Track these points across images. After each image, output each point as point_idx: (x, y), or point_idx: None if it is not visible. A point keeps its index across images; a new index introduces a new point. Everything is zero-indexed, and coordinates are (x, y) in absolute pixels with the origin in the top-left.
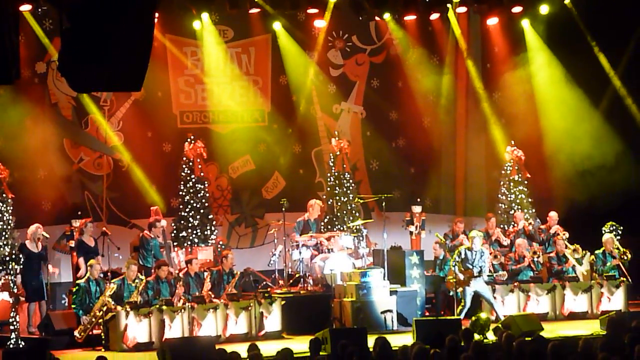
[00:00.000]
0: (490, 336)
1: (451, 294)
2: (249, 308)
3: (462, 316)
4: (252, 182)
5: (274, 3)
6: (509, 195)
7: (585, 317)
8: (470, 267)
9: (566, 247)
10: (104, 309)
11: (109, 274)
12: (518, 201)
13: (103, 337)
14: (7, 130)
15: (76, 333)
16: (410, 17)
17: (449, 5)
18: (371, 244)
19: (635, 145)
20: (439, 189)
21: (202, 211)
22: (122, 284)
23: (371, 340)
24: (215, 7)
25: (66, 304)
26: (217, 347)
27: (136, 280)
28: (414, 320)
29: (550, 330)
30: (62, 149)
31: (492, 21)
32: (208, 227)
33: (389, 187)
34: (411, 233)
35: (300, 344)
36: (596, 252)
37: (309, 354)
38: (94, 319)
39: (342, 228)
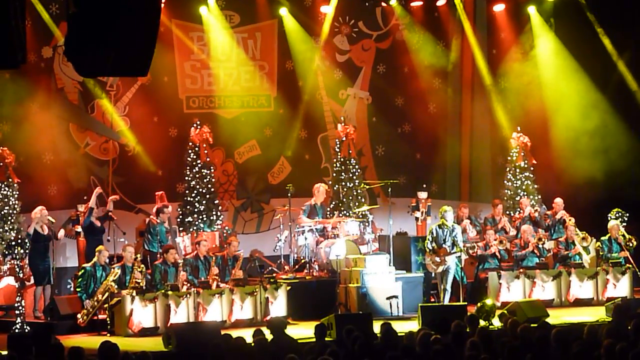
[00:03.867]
0: (496, 322)
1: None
2: (255, 293)
3: (446, 301)
4: (258, 167)
5: None
6: (514, 182)
7: (591, 303)
8: (443, 244)
9: (576, 234)
10: (107, 293)
11: (114, 258)
12: (524, 187)
13: (108, 321)
14: (13, 115)
15: (79, 317)
16: (416, 3)
17: None
18: (377, 229)
19: None
20: (445, 174)
21: (208, 196)
22: (123, 268)
23: (376, 326)
24: None
25: (72, 289)
26: (222, 332)
27: (137, 265)
28: (420, 306)
29: (556, 317)
30: (68, 134)
31: (499, 7)
32: (214, 212)
33: (394, 173)
34: (417, 219)
35: (305, 330)
36: (602, 238)
37: (314, 339)
38: (96, 303)
39: (347, 214)
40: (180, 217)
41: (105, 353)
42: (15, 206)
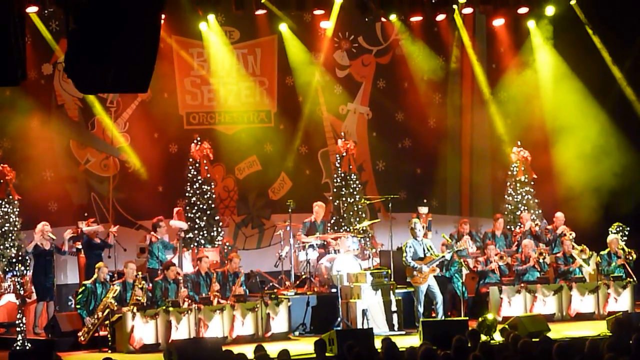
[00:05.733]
0: (497, 337)
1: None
2: (256, 309)
3: (421, 311)
4: (258, 183)
5: (280, 4)
6: (515, 196)
7: (592, 317)
8: (424, 254)
9: (573, 247)
10: (107, 310)
11: (115, 275)
12: (524, 202)
13: (109, 338)
14: (14, 132)
15: (80, 334)
16: (416, 18)
17: (454, 6)
18: (377, 244)
19: None
20: (445, 189)
21: (208, 212)
22: (124, 285)
23: (378, 341)
24: (222, 8)
25: (72, 306)
26: (223, 348)
27: (138, 282)
28: (421, 322)
29: (557, 331)
30: (68, 151)
31: (498, 22)
32: (215, 229)
33: (395, 188)
34: None
35: (306, 345)
36: (601, 252)
37: (314, 355)
38: (96, 321)
39: (348, 229)
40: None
41: None
42: (16, 223)
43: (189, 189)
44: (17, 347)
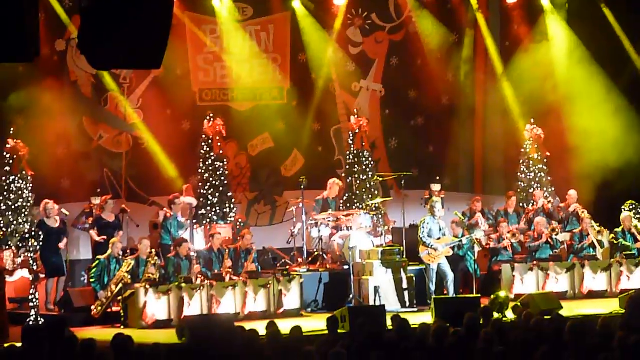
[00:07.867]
0: (509, 314)
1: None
2: (268, 286)
3: (433, 288)
4: (271, 159)
5: None
6: (528, 174)
7: (605, 295)
8: (439, 234)
9: (592, 227)
10: (121, 284)
11: (128, 251)
12: (537, 180)
13: (122, 314)
14: (27, 108)
15: (93, 308)
16: None
17: None
18: (390, 222)
19: None
20: (458, 167)
21: (221, 189)
22: (137, 261)
23: (390, 318)
24: None
25: (85, 281)
26: (235, 324)
27: (152, 259)
28: (433, 299)
29: (569, 309)
30: (81, 127)
31: None
32: (227, 205)
33: (407, 166)
34: None
35: (318, 322)
36: (615, 230)
37: (327, 332)
38: (110, 294)
39: (361, 206)
40: (194, 210)
41: (119, 345)
42: (29, 199)
43: (201, 165)
44: (30, 323)
